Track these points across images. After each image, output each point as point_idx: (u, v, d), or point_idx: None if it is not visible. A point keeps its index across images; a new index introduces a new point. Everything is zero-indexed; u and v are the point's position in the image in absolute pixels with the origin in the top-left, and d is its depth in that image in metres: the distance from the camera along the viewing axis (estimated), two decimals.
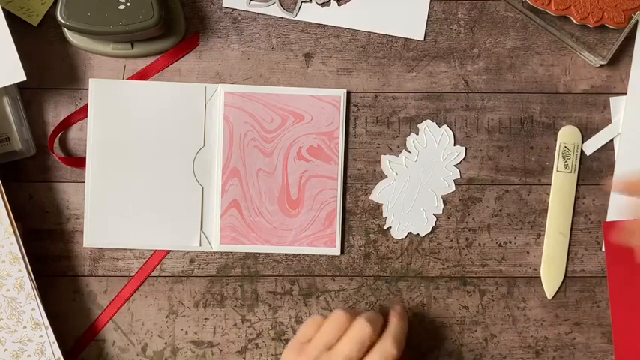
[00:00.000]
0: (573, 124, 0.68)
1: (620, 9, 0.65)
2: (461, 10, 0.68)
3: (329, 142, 0.67)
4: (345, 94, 0.67)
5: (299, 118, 0.67)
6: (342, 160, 0.67)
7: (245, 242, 0.67)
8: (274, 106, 0.67)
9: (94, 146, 0.66)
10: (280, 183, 0.67)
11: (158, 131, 0.67)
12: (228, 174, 0.67)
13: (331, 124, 0.67)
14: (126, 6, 0.62)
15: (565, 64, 0.68)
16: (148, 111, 0.67)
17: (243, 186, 0.67)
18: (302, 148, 0.67)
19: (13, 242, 0.63)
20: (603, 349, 0.68)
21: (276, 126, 0.67)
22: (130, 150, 0.67)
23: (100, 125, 0.66)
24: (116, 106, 0.66)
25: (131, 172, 0.67)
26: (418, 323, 0.68)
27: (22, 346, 0.64)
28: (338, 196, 0.67)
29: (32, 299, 0.64)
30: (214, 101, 0.67)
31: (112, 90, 0.66)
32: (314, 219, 0.67)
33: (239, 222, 0.67)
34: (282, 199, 0.67)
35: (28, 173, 0.67)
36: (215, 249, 0.67)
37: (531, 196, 0.68)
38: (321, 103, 0.67)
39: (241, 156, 0.67)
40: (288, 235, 0.67)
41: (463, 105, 0.68)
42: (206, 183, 0.67)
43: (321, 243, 0.67)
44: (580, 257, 0.68)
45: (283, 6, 0.68)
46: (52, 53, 0.67)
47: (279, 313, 0.68)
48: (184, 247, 0.67)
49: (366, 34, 0.68)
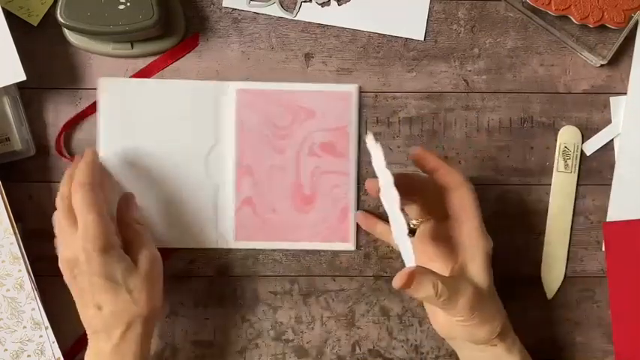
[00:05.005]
0: (573, 124, 0.68)
1: (620, 9, 0.65)
2: (461, 10, 0.68)
3: (341, 137, 0.67)
4: (357, 90, 0.67)
5: (311, 114, 0.67)
6: (355, 155, 0.67)
7: (260, 239, 0.67)
8: (286, 102, 0.67)
9: (104, 146, 0.66)
10: (293, 179, 0.67)
11: (169, 130, 0.66)
12: (241, 171, 0.67)
13: (343, 119, 0.67)
14: (126, 6, 0.62)
15: (565, 64, 0.68)
16: (159, 110, 0.66)
17: (257, 183, 0.67)
18: (314, 144, 0.67)
19: (13, 242, 0.63)
20: (603, 349, 0.68)
21: (288, 122, 0.67)
22: (142, 149, 0.66)
23: (109, 125, 0.66)
24: (126, 105, 0.66)
25: (143, 171, 0.66)
26: (418, 323, 0.68)
27: (22, 346, 0.64)
28: (351, 192, 0.67)
29: (32, 299, 0.64)
30: (226, 99, 0.67)
31: (120, 89, 0.66)
32: (328, 215, 0.67)
33: (253, 219, 0.67)
34: (295, 195, 0.67)
35: (28, 173, 0.67)
36: (230, 246, 0.67)
37: (531, 196, 0.68)
38: (333, 99, 0.67)
39: (254, 153, 0.67)
40: (302, 231, 0.67)
41: (463, 105, 0.68)
42: (219, 180, 0.67)
43: (335, 238, 0.67)
44: (580, 257, 0.68)
45: (283, 6, 0.67)
46: (52, 53, 0.67)
47: (279, 313, 0.68)
48: (199, 245, 0.67)
49: (366, 34, 0.68)
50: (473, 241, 0.57)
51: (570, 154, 0.68)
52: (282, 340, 0.68)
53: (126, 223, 0.62)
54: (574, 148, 0.68)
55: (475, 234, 0.57)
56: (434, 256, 0.59)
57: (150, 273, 0.59)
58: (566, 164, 0.68)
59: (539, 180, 0.68)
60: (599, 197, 0.68)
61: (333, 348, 0.68)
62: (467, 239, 0.58)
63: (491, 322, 0.57)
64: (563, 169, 0.68)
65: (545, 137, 0.68)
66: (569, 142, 0.68)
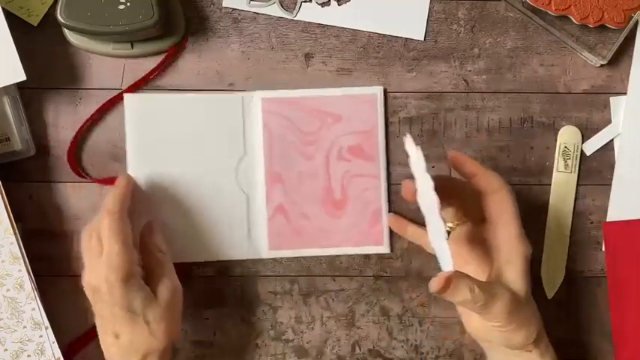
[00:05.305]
0: (573, 124, 0.68)
1: (620, 9, 0.65)
2: (461, 10, 0.68)
3: (369, 140, 0.67)
4: (382, 92, 0.67)
5: (337, 118, 0.67)
6: (384, 157, 0.67)
7: (293, 247, 0.67)
8: (311, 108, 0.67)
9: (133, 162, 0.66)
10: (323, 185, 0.67)
11: (198, 143, 0.66)
12: (271, 180, 0.67)
13: (370, 122, 0.67)
14: (126, 6, 0.62)
15: (565, 64, 0.68)
16: (186, 124, 0.66)
17: (287, 190, 0.67)
18: (342, 149, 0.67)
19: (13, 242, 0.63)
20: (603, 349, 0.68)
21: (315, 128, 0.67)
22: (171, 164, 0.66)
23: (137, 141, 0.66)
24: (153, 121, 0.66)
25: (173, 186, 0.66)
26: (418, 323, 0.68)
27: (22, 346, 0.64)
28: (382, 194, 0.67)
29: (32, 299, 0.64)
30: (252, 109, 0.67)
31: (147, 104, 0.66)
32: (360, 218, 0.67)
33: (286, 227, 0.67)
34: (326, 200, 0.67)
35: (28, 173, 0.67)
36: (264, 256, 0.67)
37: (531, 196, 0.68)
38: (358, 102, 0.67)
39: (283, 161, 0.67)
40: (334, 236, 0.67)
41: (463, 105, 0.68)
42: (250, 191, 0.67)
43: (369, 242, 0.67)
44: (580, 257, 0.68)
45: (283, 6, 0.67)
46: (52, 53, 0.67)
47: (279, 313, 0.68)
48: (232, 256, 0.67)
49: (366, 34, 0.68)
50: (511, 245, 0.57)
51: (570, 154, 0.68)
52: (282, 340, 0.68)
53: (148, 251, 0.62)
54: (574, 148, 0.68)
55: (514, 238, 0.57)
56: (469, 259, 0.59)
57: (169, 304, 0.60)
58: (566, 164, 0.68)
59: (539, 180, 0.68)
60: (599, 197, 0.68)
61: (333, 348, 0.68)
62: (504, 243, 0.57)
63: (527, 328, 0.57)
64: (563, 169, 0.68)
65: (545, 137, 0.68)
66: (569, 142, 0.68)
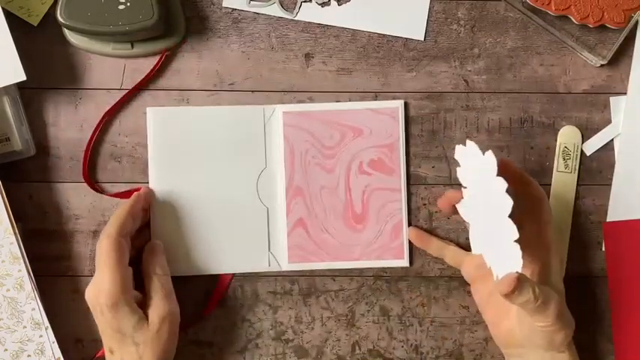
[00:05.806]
0: (573, 124, 0.68)
1: (620, 9, 0.65)
2: (461, 10, 0.68)
3: (390, 154, 0.67)
4: (403, 105, 0.67)
5: (358, 132, 0.67)
6: (404, 171, 0.67)
7: (313, 260, 0.67)
8: (332, 122, 0.67)
9: (156, 174, 0.66)
10: (344, 198, 0.67)
11: (219, 156, 0.67)
12: (291, 193, 0.67)
13: (391, 135, 0.67)
14: (126, 6, 0.62)
15: (565, 64, 0.68)
16: (208, 136, 0.66)
17: (308, 204, 0.67)
18: (363, 162, 0.67)
19: (13, 242, 0.63)
20: (603, 349, 0.68)
21: (335, 142, 0.67)
22: (193, 176, 0.66)
23: (159, 154, 0.66)
24: (175, 133, 0.66)
25: (195, 198, 0.66)
26: (418, 323, 0.68)
27: (22, 346, 0.64)
28: (402, 208, 0.67)
29: (32, 299, 0.64)
30: (273, 122, 0.67)
31: (169, 117, 0.66)
32: (380, 232, 0.67)
33: (306, 240, 0.67)
34: (347, 214, 0.67)
35: (28, 173, 0.67)
36: (284, 269, 0.67)
37: None
38: (380, 116, 0.67)
39: (304, 174, 0.67)
40: (355, 249, 0.67)
41: (463, 105, 0.68)
42: (270, 203, 0.67)
43: (389, 255, 0.67)
44: (580, 257, 0.68)
45: (283, 6, 0.67)
46: (52, 53, 0.67)
47: (279, 313, 0.68)
48: (253, 269, 0.67)
49: (366, 34, 0.68)
50: (551, 249, 0.60)
51: (570, 154, 0.68)
52: (282, 340, 0.68)
53: (148, 275, 0.62)
54: (574, 148, 0.68)
55: (553, 243, 0.60)
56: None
57: (159, 331, 0.60)
58: (566, 164, 0.68)
59: (539, 180, 0.68)
60: (599, 197, 0.68)
61: (333, 348, 0.68)
62: (546, 248, 0.59)
63: (567, 328, 0.59)
64: (563, 169, 0.68)
65: (545, 137, 0.68)
66: (569, 142, 0.68)
